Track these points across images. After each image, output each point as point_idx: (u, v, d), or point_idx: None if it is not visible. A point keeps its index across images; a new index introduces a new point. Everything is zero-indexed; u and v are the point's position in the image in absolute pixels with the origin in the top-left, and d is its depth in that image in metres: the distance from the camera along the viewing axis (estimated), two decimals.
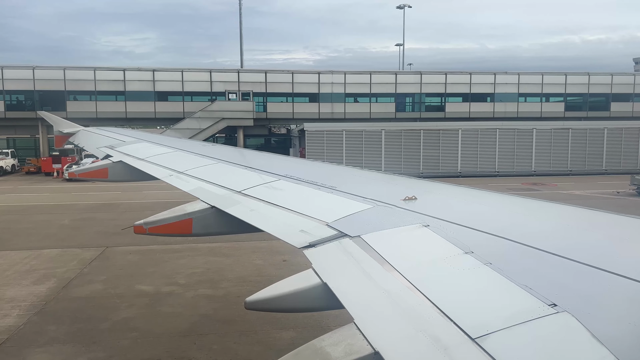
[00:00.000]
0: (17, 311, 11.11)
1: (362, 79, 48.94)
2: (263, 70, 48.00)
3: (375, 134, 38.44)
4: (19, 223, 21.24)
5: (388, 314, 2.32)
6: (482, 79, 50.57)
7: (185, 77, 46.00)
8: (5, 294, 12.21)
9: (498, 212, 3.85)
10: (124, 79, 44.81)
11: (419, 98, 49.96)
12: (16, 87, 43.77)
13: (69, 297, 12.11)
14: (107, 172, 7.31)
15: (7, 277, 13.54)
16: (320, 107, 47.96)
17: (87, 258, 15.44)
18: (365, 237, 3.17)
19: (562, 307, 2.04)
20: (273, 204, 4.32)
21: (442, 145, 38.95)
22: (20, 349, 9.24)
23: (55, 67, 44.53)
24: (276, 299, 2.86)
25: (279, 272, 13.05)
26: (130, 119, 45.79)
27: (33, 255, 15.75)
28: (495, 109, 50.42)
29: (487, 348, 1.86)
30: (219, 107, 44.43)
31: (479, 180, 37.17)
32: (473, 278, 2.48)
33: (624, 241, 2.98)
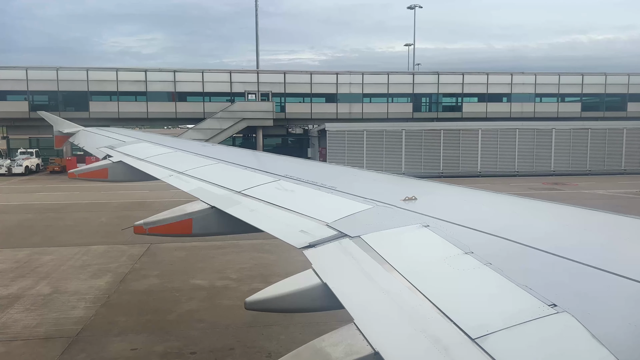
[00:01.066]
0: (84, 303, 11.61)
1: (379, 79, 49.34)
2: (282, 71, 48.49)
3: (396, 134, 38.79)
4: (60, 220, 21.82)
5: (388, 314, 2.33)
6: (498, 79, 50.82)
7: (205, 77, 46.58)
8: (67, 288, 12.72)
9: (498, 212, 3.85)
10: (145, 79, 45.46)
11: (436, 98, 50.28)
12: (40, 87, 44.53)
13: (129, 290, 12.61)
14: (107, 172, 7.29)
15: (64, 272, 14.06)
16: (338, 107, 48.42)
17: (135, 254, 15.94)
18: (365, 238, 3.17)
19: (562, 307, 2.05)
20: (273, 204, 4.32)
21: (462, 145, 39.23)
22: (98, 338, 9.72)
23: (78, 68, 45.26)
24: (276, 299, 2.87)
25: None
26: (152, 119, 46.48)
27: (82, 251, 16.27)
28: (512, 109, 50.67)
29: (487, 348, 1.87)
30: (240, 108, 44.96)
31: (498, 180, 37.46)
32: (473, 278, 2.49)
33: (624, 241, 2.99)
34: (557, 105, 51.86)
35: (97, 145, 8.99)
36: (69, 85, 44.63)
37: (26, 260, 15.18)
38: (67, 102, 44.74)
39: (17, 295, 12.17)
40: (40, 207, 25.43)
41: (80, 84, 44.65)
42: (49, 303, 11.64)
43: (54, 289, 12.63)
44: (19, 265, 14.72)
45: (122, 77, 45.25)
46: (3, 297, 11.99)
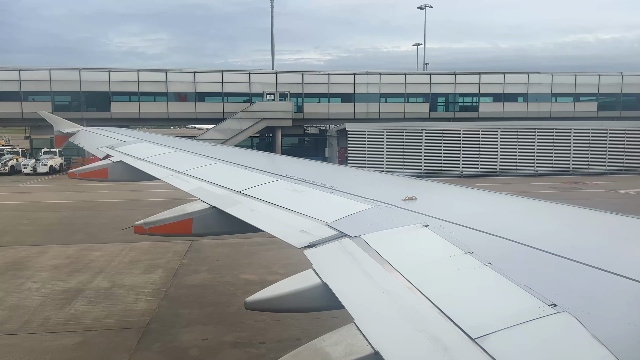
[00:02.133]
0: (144, 297, 12.07)
1: (396, 80, 49.65)
2: (300, 72, 48.92)
3: (416, 134, 39.11)
4: (96, 218, 22.34)
5: (388, 314, 2.33)
6: (515, 79, 50.98)
7: (225, 78, 47.08)
8: (124, 282, 13.20)
9: (498, 212, 3.85)
10: (166, 80, 46.01)
11: (452, 98, 50.52)
12: (63, 88, 45.18)
13: (184, 284, 13.07)
14: (107, 172, 7.30)
15: (116, 267, 14.54)
16: (356, 107, 48.77)
17: (179, 250, 16.40)
18: (365, 237, 3.18)
19: (562, 307, 2.05)
20: (273, 204, 4.31)
21: (481, 145, 39.48)
22: (167, 329, 10.17)
23: (100, 69, 45.92)
24: (276, 299, 2.88)
25: None
26: (172, 119, 47.02)
27: (127, 247, 16.75)
28: (529, 108, 50.82)
29: (487, 348, 1.87)
30: (260, 108, 45.42)
31: (518, 179, 37.68)
32: (473, 278, 2.49)
33: (624, 241, 3.00)
34: (574, 105, 51.94)
35: (97, 145, 9.00)
36: (91, 86, 45.28)
37: (77, 256, 15.68)
38: (89, 102, 45.43)
39: (79, 289, 12.65)
40: (73, 206, 25.98)
41: (102, 85, 45.29)
42: (111, 296, 12.12)
43: (112, 283, 13.12)
44: (71, 260, 15.22)
45: (143, 77, 45.83)
46: (65, 291, 12.48)
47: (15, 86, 44.35)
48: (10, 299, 11.90)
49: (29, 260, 15.32)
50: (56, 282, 13.22)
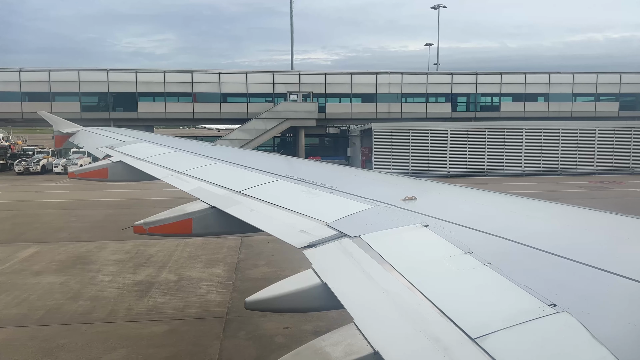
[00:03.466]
0: (214, 289, 12.63)
1: (418, 80, 50.03)
2: (323, 72, 49.45)
3: (441, 133, 39.48)
4: (139, 216, 22.71)
5: (388, 314, 2.33)
6: (536, 79, 51.16)
7: (249, 79, 47.70)
8: (190, 275, 13.77)
9: (498, 212, 3.86)
10: (191, 81, 46.71)
11: (474, 98, 50.79)
12: (91, 89, 46.03)
13: (248, 278, 13.61)
14: (106, 172, 7.29)
15: (177, 262, 15.12)
16: (378, 107, 49.18)
17: (232, 246, 16.96)
18: (365, 237, 3.19)
19: (562, 307, 2.05)
20: (273, 204, 4.32)
21: (506, 145, 39.78)
22: (247, 318, 10.71)
23: (127, 70, 46.71)
24: (276, 299, 2.89)
25: None
26: (198, 120, 47.71)
27: (182, 243, 17.33)
28: (550, 108, 50.95)
29: (487, 348, 1.87)
30: (284, 108, 45.99)
31: (542, 179, 37.93)
32: (473, 278, 2.50)
33: (624, 241, 3.00)
34: (595, 105, 52.03)
35: (97, 145, 8.99)
36: (118, 87, 46.09)
37: (135, 251, 16.28)
38: (117, 103, 46.25)
39: (149, 281, 13.24)
40: (114, 204, 26.66)
41: (129, 86, 46.08)
42: (182, 288, 12.69)
43: (179, 276, 13.69)
44: (132, 255, 15.83)
45: (169, 78, 46.58)
46: (137, 283, 13.07)
47: (44, 87, 45.26)
48: (89, 291, 12.50)
49: (91, 255, 15.94)
50: (125, 275, 13.82)
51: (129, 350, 9.28)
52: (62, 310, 11.22)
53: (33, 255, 15.93)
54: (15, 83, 44.71)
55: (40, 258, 15.56)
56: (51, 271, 14.17)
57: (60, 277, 13.57)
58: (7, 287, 12.80)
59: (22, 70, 45.17)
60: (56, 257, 15.68)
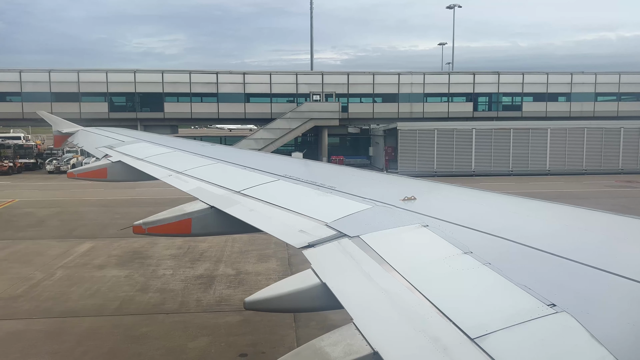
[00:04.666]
0: (273, 282, 13.10)
1: (440, 79, 50.32)
2: (345, 72, 49.89)
3: (466, 133, 39.74)
4: None
5: (387, 314, 2.33)
6: (558, 79, 51.20)
7: (273, 79, 48.27)
8: (246, 269, 14.30)
9: (497, 212, 3.85)
10: (216, 81, 47.37)
11: (496, 98, 50.95)
12: (119, 89, 46.87)
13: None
14: (106, 172, 7.27)
15: (230, 257, 15.65)
16: (400, 106, 49.50)
17: (280, 242, 17.40)
18: (364, 237, 3.19)
19: (561, 307, 2.05)
20: (272, 204, 4.31)
21: (531, 144, 39.95)
22: None
23: (153, 71, 47.52)
24: (275, 299, 2.90)
25: None
26: (222, 119, 48.37)
27: (229, 239, 17.85)
28: (572, 108, 50.95)
29: (487, 348, 1.88)
30: (308, 108, 46.49)
31: (568, 178, 38.04)
32: (472, 278, 2.50)
33: (623, 241, 3.00)
34: (617, 105, 51.95)
35: (96, 145, 8.96)
36: (145, 87, 46.88)
37: (187, 247, 16.83)
38: (144, 103, 47.06)
39: (209, 275, 13.78)
40: (151, 201, 27.26)
41: (156, 86, 46.85)
42: (243, 281, 13.21)
43: (236, 270, 14.22)
44: (184, 251, 16.38)
45: (194, 79, 47.28)
46: (198, 277, 13.61)
47: (73, 88, 46.15)
48: (154, 284, 13.07)
49: (145, 250, 16.52)
50: (184, 269, 14.36)
51: (211, 338, 9.80)
52: (136, 301, 11.79)
53: (90, 250, 16.55)
54: (45, 84, 45.65)
55: (97, 253, 16.17)
56: (112, 265, 14.76)
57: (123, 271, 14.15)
58: (76, 279, 13.41)
59: (52, 71, 46.11)
60: (112, 252, 16.27)
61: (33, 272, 14.01)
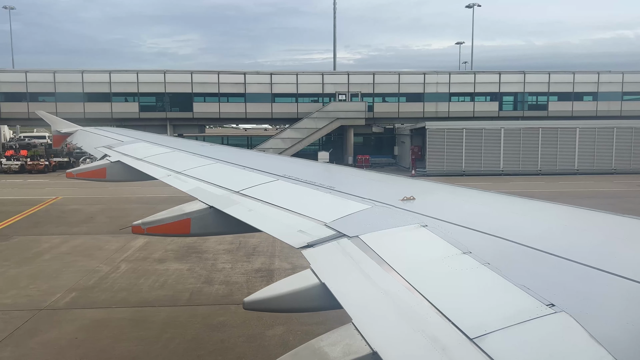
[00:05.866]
0: None
1: (465, 79, 50.43)
2: (371, 72, 50.24)
3: (495, 132, 39.88)
4: None
5: (386, 314, 2.33)
6: (584, 78, 50.96)
7: (299, 79, 48.81)
8: (302, 264, 14.66)
9: (496, 212, 3.85)
10: (244, 81, 48.05)
11: (521, 97, 50.91)
12: (149, 90, 47.77)
13: None
14: (105, 172, 7.27)
15: (282, 252, 16.14)
16: (425, 106, 49.71)
17: None
18: (363, 238, 3.19)
19: (560, 307, 2.05)
20: (271, 204, 4.31)
21: (559, 144, 39.97)
22: None
23: (183, 71, 48.37)
24: (274, 299, 2.92)
25: None
26: (250, 119, 49.03)
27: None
28: (598, 107, 50.69)
29: (486, 348, 1.88)
30: (334, 108, 46.95)
31: (596, 177, 37.98)
32: (471, 278, 2.50)
33: (622, 241, 3.01)
34: None
35: (95, 145, 8.97)
36: (174, 88, 47.72)
37: (238, 242, 17.38)
38: (173, 103, 47.91)
39: (267, 269, 14.30)
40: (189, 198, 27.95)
41: (185, 86, 47.66)
42: None
43: (292, 264, 14.70)
44: (237, 246, 16.93)
45: (223, 79, 48.02)
46: (258, 270, 14.15)
47: (105, 88, 47.16)
48: (217, 276, 13.63)
49: (199, 245, 17.09)
50: (242, 263, 14.91)
51: (286, 327, 10.29)
52: (204, 293, 12.35)
53: (145, 245, 17.18)
54: (78, 84, 46.70)
55: (153, 247, 16.78)
56: (172, 259, 15.36)
57: (183, 265, 14.74)
58: (141, 272, 14.02)
59: (85, 72, 47.17)
60: (167, 246, 16.88)
61: (99, 265, 14.66)
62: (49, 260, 15.28)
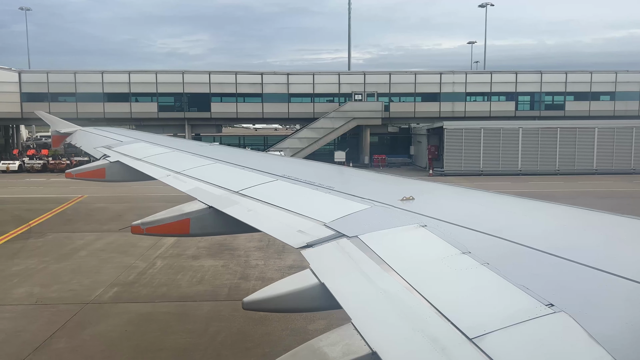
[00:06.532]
0: None
1: (481, 79, 50.41)
2: (387, 72, 50.39)
3: (513, 132, 39.88)
4: None
5: (386, 314, 2.32)
6: (602, 78, 50.70)
7: (316, 79, 49.09)
8: None
9: (495, 212, 3.84)
10: (261, 82, 48.41)
11: (538, 97, 50.79)
12: (168, 90, 48.27)
13: None
14: (104, 172, 7.27)
15: None
16: (442, 106, 49.76)
17: None
18: (362, 238, 3.18)
19: (559, 307, 2.05)
20: (271, 204, 4.31)
21: (578, 143, 39.88)
22: None
23: (201, 72, 48.82)
24: (274, 299, 2.94)
25: None
26: (267, 119, 49.39)
27: None
28: (616, 107, 50.43)
29: (485, 348, 1.88)
30: (351, 108, 47.18)
31: (615, 177, 37.84)
32: (470, 278, 2.50)
33: (621, 241, 3.00)
34: None
35: (95, 145, 8.96)
36: (192, 88, 48.19)
37: (267, 240, 17.61)
38: (191, 103, 48.40)
39: (300, 266, 14.35)
40: None
41: (203, 87, 48.12)
42: None
43: None
44: (265, 244, 17.20)
45: (240, 79, 48.42)
46: (292, 267, 14.42)
47: (124, 88, 47.76)
48: (252, 272, 13.94)
49: (229, 242, 17.42)
50: (274, 260, 15.21)
51: (327, 321, 10.53)
52: (242, 288, 12.65)
53: (176, 242, 17.52)
54: (98, 85, 47.35)
55: (185, 245, 17.12)
56: (205, 256, 15.70)
57: (218, 261, 15.07)
58: (178, 268, 14.37)
59: (105, 73, 47.81)
60: (199, 244, 17.21)
61: (135, 262, 15.03)
62: (86, 257, 15.69)
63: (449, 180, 34.34)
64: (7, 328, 10.26)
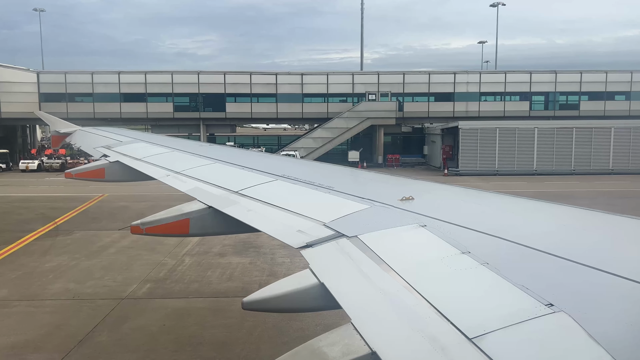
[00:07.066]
0: None
1: (495, 79, 50.44)
2: (401, 72, 50.55)
3: (528, 132, 39.88)
4: None
5: (385, 314, 2.33)
6: (617, 77, 50.53)
7: (329, 79, 49.33)
8: None
9: (495, 212, 3.84)
10: (275, 82, 48.74)
11: (553, 97, 50.68)
12: (183, 90, 48.78)
13: None
14: (103, 172, 7.26)
15: None
16: (455, 105, 49.83)
17: None
18: (362, 237, 3.18)
19: (559, 307, 2.05)
20: (270, 204, 4.32)
21: (594, 143, 39.79)
22: None
23: (216, 72, 49.30)
24: (273, 299, 2.91)
25: None
26: (281, 119, 49.71)
27: None
28: (632, 107, 50.18)
29: (484, 348, 1.88)
30: (365, 108, 47.41)
31: (631, 177, 37.71)
32: (470, 278, 2.50)
33: (621, 241, 3.01)
34: None
35: (94, 145, 8.97)
36: (207, 88, 48.65)
37: None
38: (206, 103, 48.85)
39: None
40: None
41: (218, 87, 48.55)
42: None
43: None
44: None
45: (255, 80, 48.79)
46: None
47: (140, 89, 48.30)
48: (280, 270, 14.20)
49: (253, 240, 17.69)
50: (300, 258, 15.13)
51: None
52: None
53: (202, 240, 17.82)
54: (115, 85, 47.94)
55: (210, 243, 17.42)
56: (232, 253, 15.99)
57: (244, 259, 15.36)
58: (206, 265, 14.67)
59: (121, 73, 48.38)
60: (224, 241, 17.51)
61: (164, 259, 15.36)
62: (116, 254, 16.04)
63: (464, 180, 34.42)
64: (50, 322, 10.60)
